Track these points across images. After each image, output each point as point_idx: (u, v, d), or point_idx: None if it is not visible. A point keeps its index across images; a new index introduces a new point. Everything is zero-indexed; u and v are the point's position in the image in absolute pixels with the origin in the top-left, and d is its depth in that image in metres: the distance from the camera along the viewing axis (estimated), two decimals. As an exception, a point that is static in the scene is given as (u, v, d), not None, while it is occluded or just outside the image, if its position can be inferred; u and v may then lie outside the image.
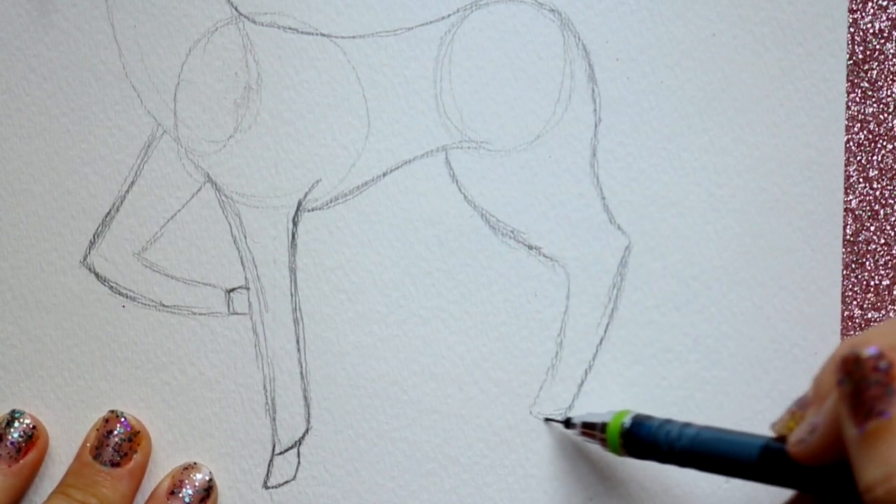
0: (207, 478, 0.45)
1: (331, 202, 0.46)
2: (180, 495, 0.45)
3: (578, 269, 0.45)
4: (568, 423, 0.44)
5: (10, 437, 0.45)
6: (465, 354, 0.46)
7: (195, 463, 0.46)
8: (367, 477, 0.46)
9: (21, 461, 0.45)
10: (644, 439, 0.40)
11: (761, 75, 0.45)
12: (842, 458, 0.33)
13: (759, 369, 0.45)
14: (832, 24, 0.45)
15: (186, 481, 0.45)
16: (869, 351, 0.32)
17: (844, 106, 0.45)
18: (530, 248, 0.45)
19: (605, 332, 0.45)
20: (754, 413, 0.45)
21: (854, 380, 0.32)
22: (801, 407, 0.37)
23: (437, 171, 0.46)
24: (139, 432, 0.45)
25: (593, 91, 0.45)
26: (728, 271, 0.45)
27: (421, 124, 0.45)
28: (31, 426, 0.45)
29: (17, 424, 0.45)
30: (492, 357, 0.46)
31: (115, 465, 0.44)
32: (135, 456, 0.45)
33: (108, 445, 0.45)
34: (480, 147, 0.45)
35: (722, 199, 0.45)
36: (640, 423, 0.40)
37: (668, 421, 0.40)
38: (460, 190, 0.46)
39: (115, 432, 0.45)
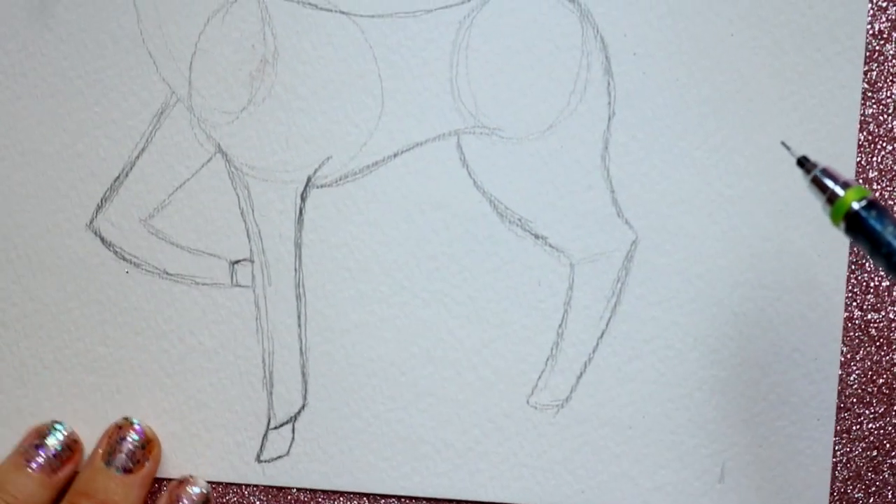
0: (204, 491, 0.45)
1: (340, 180, 0.46)
2: None
3: (584, 260, 0.45)
4: (803, 162, 0.39)
5: (52, 447, 0.45)
6: (465, 340, 0.46)
7: (191, 476, 0.46)
8: (359, 456, 0.46)
9: (59, 474, 0.44)
10: (869, 229, 0.38)
11: (777, 78, 0.45)
12: None
13: (759, 371, 0.45)
14: (851, 30, 0.45)
15: (183, 496, 0.45)
16: None
17: (859, 113, 0.45)
18: (537, 237, 0.45)
19: (607, 325, 0.45)
20: (752, 415, 0.45)
21: None
22: None
23: (447, 155, 0.46)
24: (151, 440, 0.45)
25: (609, 84, 0.45)
26: (733, 272, 0.45)
27: (435, 107, 0.45)
28: (72, 439, 0.45)
29: (59, 436, 0.45)
30: (492, 344, 0.46)
31: (127, 471, 0.44)
32: (147, 463, 0.45)
33: (120, 452, 0.45)
34: (493, 133, 0.45)
35: (731, 200, 0.45)
36: (871, 208, 0.38)
37: None
38: (470, 175, 0.46)
39: (129, 439, 0.45)
